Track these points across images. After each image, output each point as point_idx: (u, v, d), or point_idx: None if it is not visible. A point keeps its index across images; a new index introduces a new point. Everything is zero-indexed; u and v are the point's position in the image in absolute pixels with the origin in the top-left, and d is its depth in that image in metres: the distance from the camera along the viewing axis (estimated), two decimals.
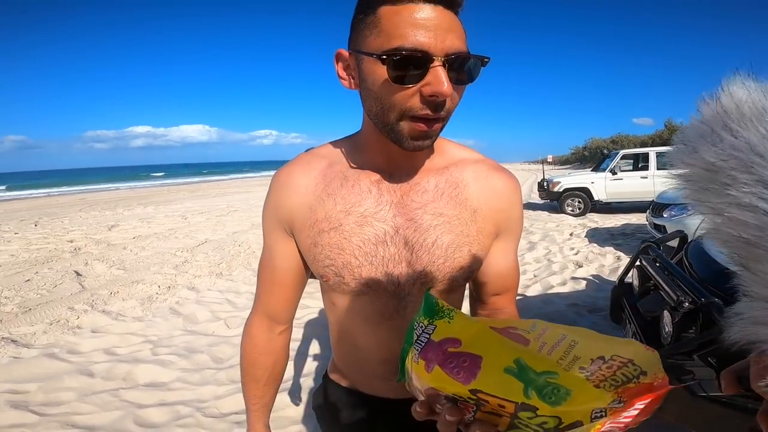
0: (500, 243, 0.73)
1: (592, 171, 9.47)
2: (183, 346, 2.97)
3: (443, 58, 0.54)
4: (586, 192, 8.70)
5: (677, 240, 2.53)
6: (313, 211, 0.68)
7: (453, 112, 0.60)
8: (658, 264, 2.04)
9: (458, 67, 0.56)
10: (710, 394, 1.35)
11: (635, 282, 2.30)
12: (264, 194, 0.75)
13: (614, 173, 8.58)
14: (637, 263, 2.28)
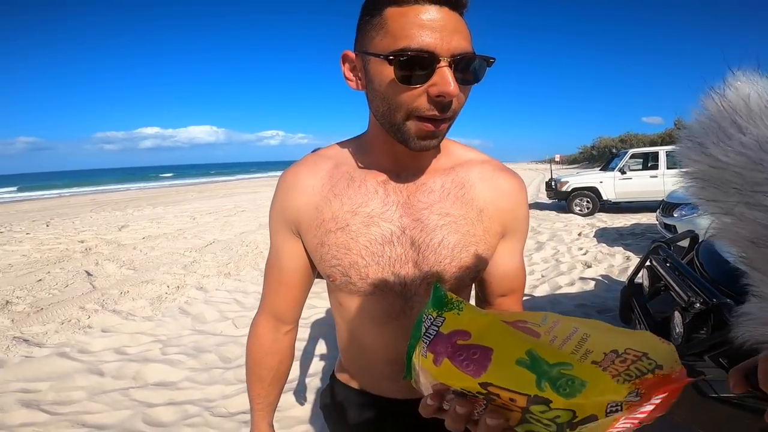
0: (506, 243, 0.73)
1: (601, 170, 9.41)
2: (191, 346, 3.00)
3: (449, 59, 0.54)
4: (595, 191, 8.63)
5: (688, 240, 2.51)
6: (320, 212, 0.68)
7: (459, 113, 0.61)
8: (669, 264, 2.02)
9: (464, 68, 0.56)
10: (720, 395, 1.34)
11: (645, 282, 2.28)
12: (271, 194, 0.75)
13: (623, 172, 8.51)
14: (648, 263, 2.26)
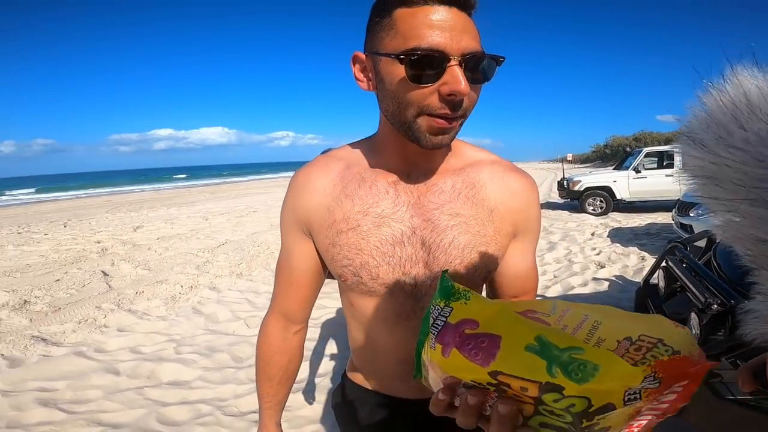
0: (518, 244, 0.73)
1: (615, 169, 9.28)
2: (204, 345, 3.03)
3: (459, 58, 0.54)
4: (608, 191, 8.52)
5: (705, 240, 2.46)
6: (331, 212, 0.69)
7: (471, 112, 0.61)
8: (685, 265, 1.99)
9: (474, 67, 0.56)
10: (737, 397, 1.32)
11: (661, 283, 2.24)
12: (282, 195, 0.76)
13: (638, 171, 8.38)
14: (663, 264, 2.22)
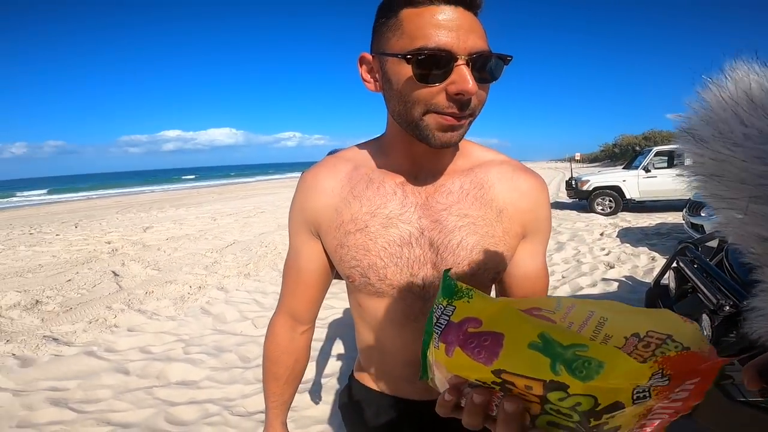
0: (527, 244, 0.72)
1: (624, 169, 9.20)
2: (212, 345, 3.05)
3: (466, 57, 0.54)
4: (617, 190, 8.43)
5: (717, 240, 2.43)
6: (339, 213, 0.69)
7: (480, 111, 0.60)
8: (697, 265, 1.96)
9: (481, 67, 0.56)
10: (749, 399, 1.31)
11: (672, 284, 2.21)
12: (289, 196, 0.76)
13: (648, 171, 8.29)
14: (674, 264, 2.20)
